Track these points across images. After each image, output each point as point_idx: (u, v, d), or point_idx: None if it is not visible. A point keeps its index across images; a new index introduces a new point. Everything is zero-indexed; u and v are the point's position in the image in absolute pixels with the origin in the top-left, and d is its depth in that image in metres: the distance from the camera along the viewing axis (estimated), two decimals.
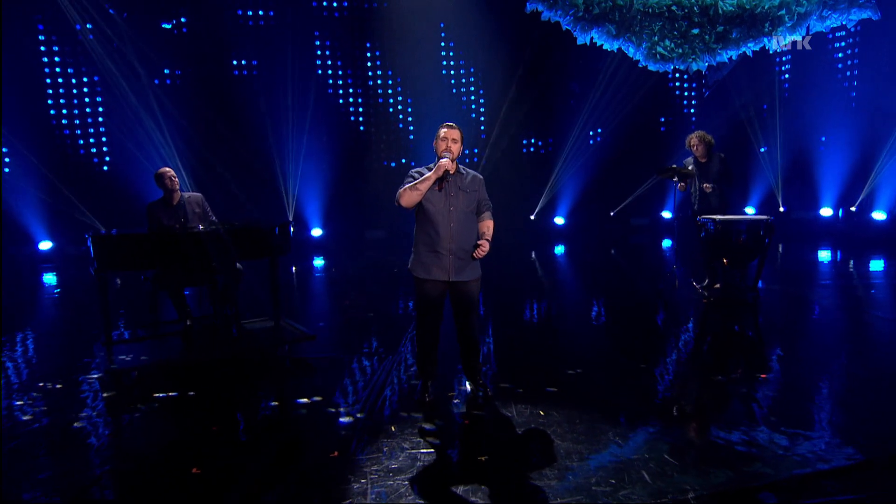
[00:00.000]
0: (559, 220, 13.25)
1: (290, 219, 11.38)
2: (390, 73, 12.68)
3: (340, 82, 12.60)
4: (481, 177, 4.21)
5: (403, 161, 12.90)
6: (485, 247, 4.00)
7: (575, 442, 3.61)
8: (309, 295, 8.13)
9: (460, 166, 4.13)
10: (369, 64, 12.65)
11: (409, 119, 12.89)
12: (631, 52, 9.48)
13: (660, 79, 12.50)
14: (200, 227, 5.52)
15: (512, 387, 4.43)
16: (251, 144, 11.46)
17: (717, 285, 7.10)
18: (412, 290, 7.86)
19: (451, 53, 12.82)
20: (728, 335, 5.77)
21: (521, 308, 6.92)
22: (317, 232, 12.22)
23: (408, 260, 4.18)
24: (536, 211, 13.08)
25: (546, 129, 13.27)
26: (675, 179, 7.12)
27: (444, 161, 3.96)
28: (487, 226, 4.13)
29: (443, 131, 4.03)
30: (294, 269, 9.81)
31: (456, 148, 4.03)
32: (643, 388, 4.41)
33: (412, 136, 12.87)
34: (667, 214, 13.43)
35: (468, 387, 4.36)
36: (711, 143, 7.19)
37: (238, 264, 5.74)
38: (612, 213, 13.29)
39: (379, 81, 12.72)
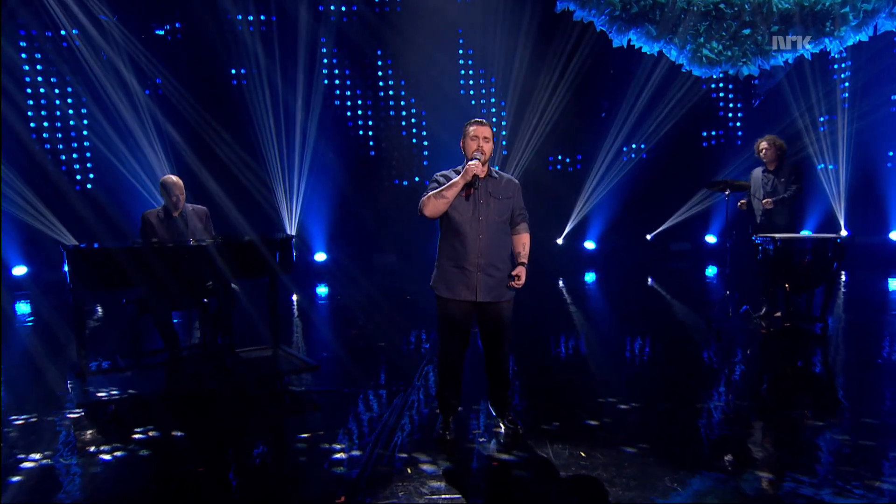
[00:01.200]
0: (590, 245, 13.18)
1: (293, 233, 11.25)
2: (403, 82, 12.74)
3: (348, 93, 12.65)
4: (517, 182, 4.13)
5: (417, 179, 12.89)
6: (521, 277, 3.93)
7: (625, 488, 3.40)
8: (311, 323, 8.14)
9: (493, 169, 4.05)
10: (380, 73, 12.70)
11: (424, 133, 12.89)
12: (673, 55, 9.42)
13: (699, 84, 12.45)
14: (191, 241, 5.44)
15: (546, 423, 4.30)
16: (250, 159, 11.46)
17: (778, 314, 6.93)
18: (429, 317, 8.07)
19: (469, 62, 12.87)
20: (793, 371, 5.66)
21: (550, 340, 6.88)
22: (320, 256, 12.18)
23: (424, 282, 4.07)
24: (564, 234, 13.01)
25: (575, 145, 13.23)
26: (727, 193, 7.00)
27: (473, 164, 3.88)
28: (523, 242, 4.06)
29: (472, 129, 3.97)
30: (295, 296, 9.76)
31: (488, 148, 3.96)
32: (697, 428, 4.28)
33: (426, 152, 12.86)
34: (711, 239, 13.26)
35: (495, 422, 4.24)
36: (783, 148, 7.07)
37: (233, 285, 5.67)
38: (649, 238, 13.20)
39: (391, 92, 12.75)
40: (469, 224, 3.90)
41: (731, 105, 13.53)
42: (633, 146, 13.03)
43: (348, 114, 12.68)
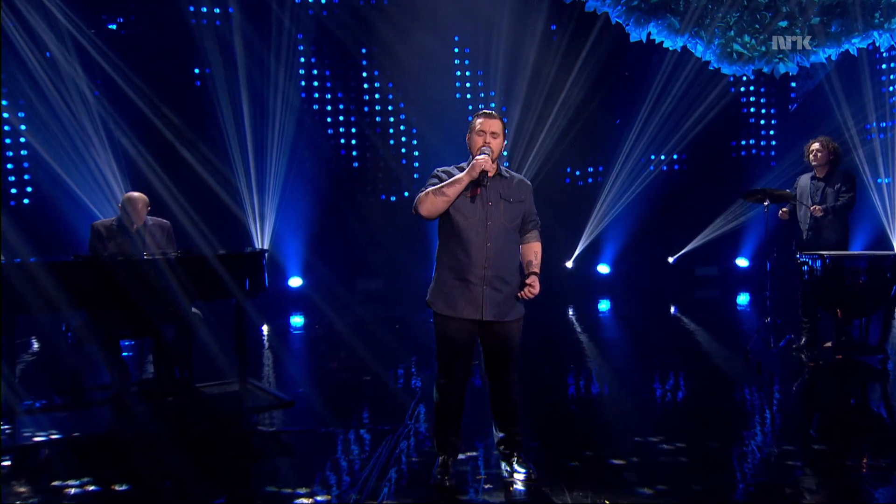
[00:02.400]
0: (603, 269, 13.16)
1: (266, 247, 11.18)
2: (391, 84, 12.70)
3: (328, 96, 12.60)
4: (529, 183, 4.13)
5: (406, 194, 12.82)
6: (535, 286, 3.92)
7: None
8: (285, 355, 8.12)
9: (503, 167, 4.04)
10: (364, 74, 12.67)
11: (414, 142, 12.86)
12: (699, 50, 9.41)
13: (727, 87, 12.49)
14: (146, 255, 5.34)
15: (563, 464, 4.24)
16: (214, 170, 11.32)
17: (828, 344, 6.83)
18: (422, 348, 8.16)
19: (466, 62, 12.88)
20: (847, 411, 5.60)
21: (563, 372, 6.89)
22: (295, 282, 12.08)
23: (414, 310, 4.01)
24: (574, 256, 12.95)
25: (585, 156, 13.24)
26: (767, 205, 6.92)
27: (481, 159, 3.85)
28: (535, 251, 4.07)
29: (479, 122, 3.98)
30: (266, 327, 9.70)
31: (497, 144, 3.97)
32: (737, 472, 4.22)
33: (417, 163, 12.82)
34: (743, 262, 13.22)
35: (503, 466, 4.12)
36: (838, 152, 7.04)
37: (194, 308, 5.61)
38: (671, 261, 13.15)
39: (377, 96, 12.73)
40: (475, 229, 3.87)
41: (763, 111, 13.55)
42: (652, 157, 12.99)
43: (329, 119, 12.62)
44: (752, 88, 13.37)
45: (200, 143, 11.30)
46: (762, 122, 13.53)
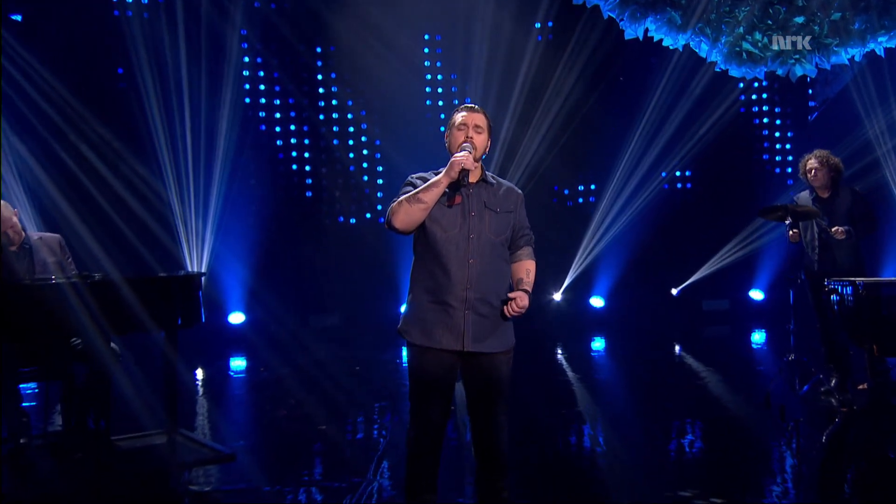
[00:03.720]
0: (597, 302, 13.18)
1: (203, 270, 11.09)
2: (349, 90, 12.72)
3: (277, 101, 12.55)
4: (520, 191, 4.13)
5: (368, 216, 12.80)
6: (522, 300, 3.86)
7: None
8: (224, 402, 8.11)
9: (488, 173, 4.04)
10: (320, 76, 12.63)
11: (377, 156, 12.85)
12: (704, 50, 9.47)
13: (737, 94, 12.58)
14: (54, 279, 5.24)
15: None
16: (139, 188, 11.13)
17: (863, 386, 6.83)
18: (387, 393, 8.08)
19: (438, 63, 12.95)
20: (886, 465, 5.60)
21: (552, 420, 6.88)
22: (237, 318, 11.98)
23: (378, 350, 3.95)
24: (563, 288, 12.95)
25: (574, 174, 13.32)
26: (788, 222, 6.87)
27: (460, 156, 3.80)
28: (527, 268, 4.03)
29: (460, 115, 4.00)
30: (201, 371, 9.58)
31: (481, 140, 3.96)
32: None
33: (381, 181, 12.80)
34: (757, 295, 13.29)
35: None
36: (839, 168, 7.13)
37: (113, 344, 5.53)
38: (674, 293, 13.20)
39: (334, 102, 12.69)
40: (456, 244, 3.84)
41: (778, 121, 13.70)
42: (653, 174, 13.03)
43: (277, 129, 12.56)
44: (765, 96, 13.51)
45: (124, 153, 11.12)
46: (777, 133, 13.66)
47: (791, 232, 6.97)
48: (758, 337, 11.75)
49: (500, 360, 3.87)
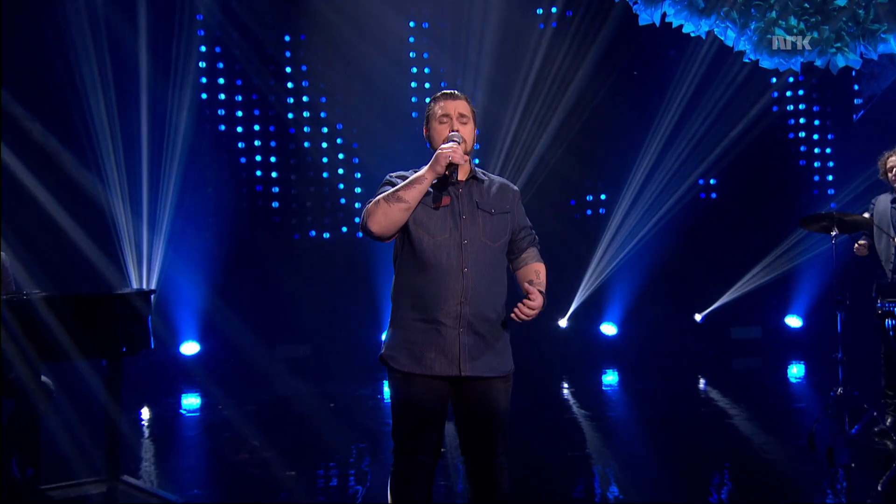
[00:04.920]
0: (609, 329, 13.18)
1: (153, 287, 11.09)
2: (322, 85, 12.73)
3: (239, 98, 12.54)
4: (515, 187, 4.17)
5: (344, 230, 12.79)
6: (536, 299, 3.75)
7: None
8: (175, 444, 8.05)
9: (478, 169, 4.07)
10: (289, 69, 12.64)
11: (355, 161, 12.83)
12: (730, 37, 9.48)
13: (769, 89, 12.62)
14: None
15: None
16: (80, 196, 11.06)
17: None
18: (364, 433, 8.02)
19: (424, 55, 12.95)
20: None
21: (558, 465, 6.86)
22: (190, 348, 11.96)
23: (354, 383, 3.96)
24: (570, 313, 12.93)
25: (581, 184, 13.35)
26: (835, 234, 6.87)
27: (447, 148, 3.80)
28: (535, 270, 4.05)
29: (439, 105, 4.02)
30: (147, 410, 9.49)
31: (468, 132, 3.98)
32: None
33: (359, 189, 12.78)
34: (794, 321, 13.30)
35: None
36: None
37: (43, 377, 5.49)
38: (698, 319, 13.19)
39: (305, 99, 12.71)
40: (446, 251, 3.83)
41: (816, 122, 13.72)
42: (669, 183, 13.02)
43: (239, 129, 12.55)
44: (801, 92, 13.53)
45: (62, 153, 11.05)
46: (815, 135, 13.68)
47: (858, 244, 6.97)
48: (796, 370, 11.75)
49: (499, 388, 3.86)
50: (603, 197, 13.35)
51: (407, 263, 3.88)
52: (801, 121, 13.62)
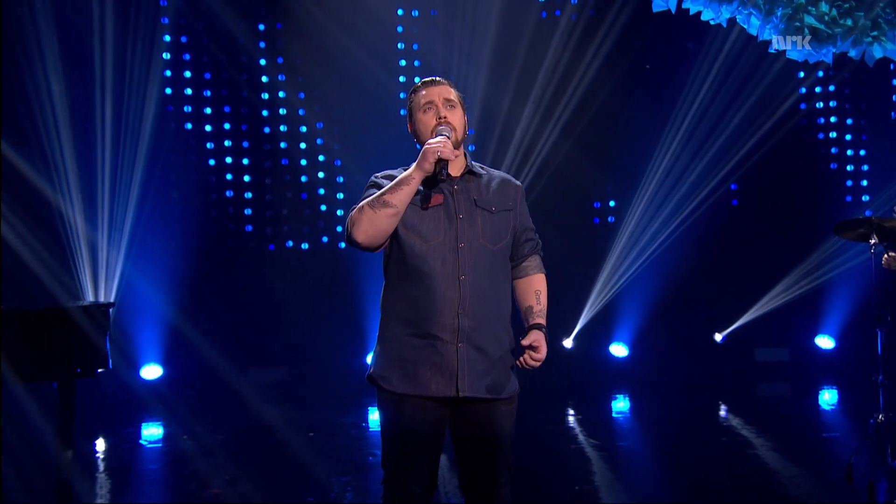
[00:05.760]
0: (619, 350, 13.14)
1: (112, 301, 11.01)
2: (300, 79, 12.72)
3: (208, 93, 12.50)
4: (518, 182, 4.23)
5: (325, 240, 12.74)
6: (541, 347, 3.88)
7: None
8: (135, 481, 7.98)
9: (474, 163, 4.13)
10: (263, 62, 12.60)
11: (337, 163, 12.82)
12: (754, 25, 9.46)
13: (796, 84, 12.66)
14: None
15: None
16: (26, 199, 11.00)
17: None
18: (347, 465, 8.00)
19: (414, 46, 12.93)
20: None
21: (563, 500, 6.90)
22: (152, 372, 11.86)
23: (336, 409, 3.98)
24: (576, 332, 12.89)
25: (588, 190, 13.36)
26: (874, 243, 6.83)
27: (434, 142, 3.83)
28: (535, 288, 4.09)
29: (422, 93, 4.09)
30: (102, 441, 9.39)
31: (457, 119, 4.04)
32: None
33: (341, 195, 12.77)
34: (826, 342, 13.25)
35: None
36: None
37: None
38: (719, 339, 13.17)
39: (281, 94, 12.67)
40: (441, 256, 3.86)
41: (849, 120, 13.69)
42: (686, 189, 13.01)
43: (207, 128, 12.50)
44: (831, 88, 13.51)
45: (9, 154, 10.99)
46: (848, 135, 13.65)
47: (887, 256, 6.93)
48: (829, 396, 11.70)
49: (503, 412, 3.87)
50: (612, 204, 13.31)
51: (397, 271, 3.90)
52: (833, 119, 13.57)
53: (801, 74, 12.59)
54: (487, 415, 3.83)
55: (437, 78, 4.09)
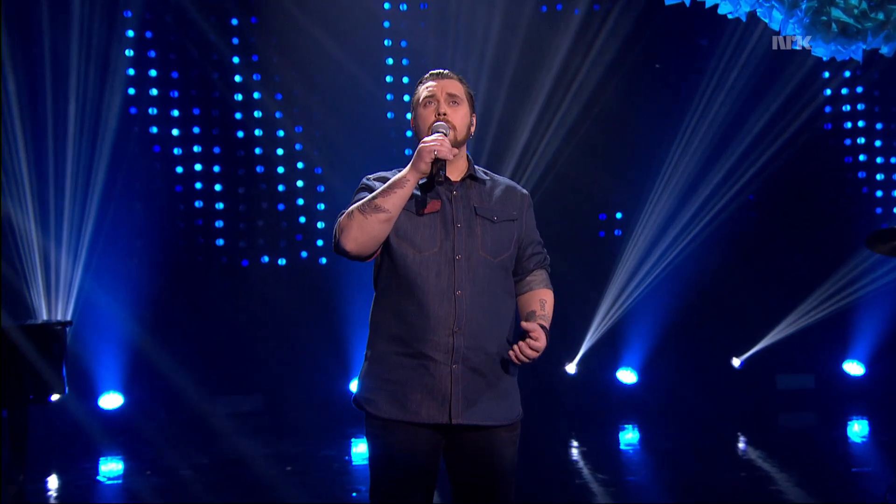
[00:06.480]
0: (627, 377, 13.13)
1: (69, 319, 10.89)
2: (277, 78, 12.73)
3: (175, 94, 12.47)
4: (525, 191, 4.24)
5: (304, 255, 12.70)
6: (538, 338, 3.82)
7: None
8: None
9: (477, 166, 4.14)
10: (237, 59, 12.58)
11: (317, 171, 12.78)
12: (776, 19, 9.43)
13: (820, 85, 12.68)
14: None
15: None
16: None
17: None
18: (334, 493, 8.04)
19: (401, 43, 12.95)
20: None
21: None
22: (112, 401, 11.77)
23: (316, 440, 4.00)
24: (580, 357, 12.90)
25: (594, 200, 13.33)
26: None
27: (430, 141, 3.84)
28: (540, 298, 4.10)
29: (425, 87, 4.11)
30: (55, 478, 9.31)
31: (459, 117, 4.04)
32: None
33: (322, 206, 12.74)
34: (855, 368, 13.22)
35: None
36: None
37: None
38: (736, 365, 13.17)
39: (256, 96, 12.66)
40: (435, 268, 3.87)
41: (879, 125, 13.67)
42: (699, 200, 13.01)
43: (174, 132, 12.43)
44: (859, 90, 13.50)
45: None
46: (877, 141, 13.64)
47: None
48: (858, 427, 11.68)
49: (503, 439, 3.87)
50: (619, 216, 13.32)
51: (387, 284, 3.91)
52: (861, 124, 13.57)
53: (826, 75, 12.61)
54: (486, 443, 3.83)
55: (446, 71, 4.10)
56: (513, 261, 3.98)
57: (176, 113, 12.39)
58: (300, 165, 12.70)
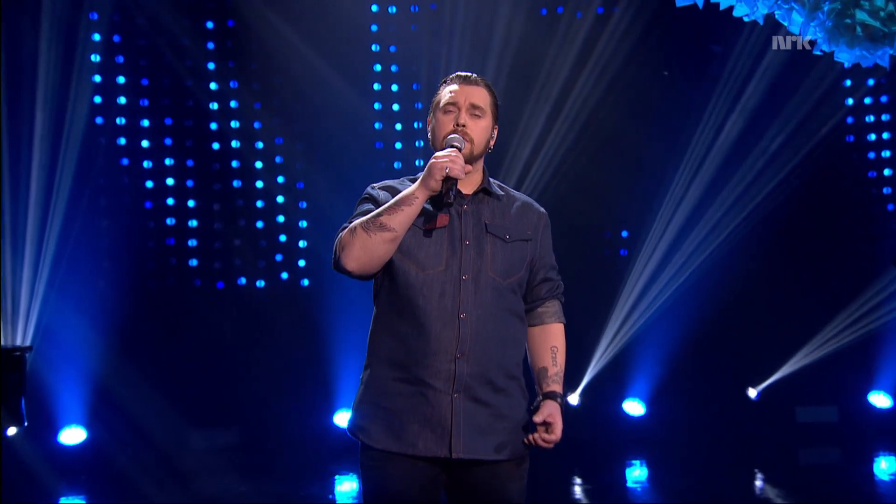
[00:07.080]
0: (634, 408, 13.10)
1: (28, 344, 10.90)
2: (256, 86, 12.75)
3: (145, 103, 12.48)
4: (542, 210, 4.28)
5: (284, 277, 12.68)
6: (556, 425, 3.94)
7: None
8: None
9: (493, 180, 4.16)
10: (212, 66, 12.63)
11: (299, 186, 12.82)
12: (796, 22, 9.44)
13: (843, 94, 12.71)
14: None
15: None
16: None
17: None
18: None
19: (391, 48, 12.96)
20: None
21: None
22: (73, 435, 11.66)
23: (298, 480, 4.03)
24: (582, 387, 12.88)
25: (598, 217, 13.33)
26: None
27: (442, 156, 3.81)
28: (552, 343, 4.12)
29: (448, 90, 4.06)
30: None
31: (479, 130, 4.01)
32: None
33: (304, 223, 12.77)
34: (883, 400, 13.14)
35: None
36: None
37: None
38: (753, 396, 13.16)
39: (233, 104, 12.67)
40: (439, 289, 3.87)
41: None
42: (710, 217, 13.01)
43: (144, 144, 12.46)
44: (884, 99, 13.48)
45: None
46: None
47: None
48: (885, 464, 11.63)
49: (509, 474, 3.91)
50: (624, 234, 13.35)
51: (387, 303, 3.92)
52: (885, 136, 13.57)
53: (848, 83, 12.63)
54: (491, 478, 3.83)
55: (473, 76, 4.06)
56: (523, 284, 3.98)
57: (146, 123, 12.39)
58: (280, 179, 12.70)
